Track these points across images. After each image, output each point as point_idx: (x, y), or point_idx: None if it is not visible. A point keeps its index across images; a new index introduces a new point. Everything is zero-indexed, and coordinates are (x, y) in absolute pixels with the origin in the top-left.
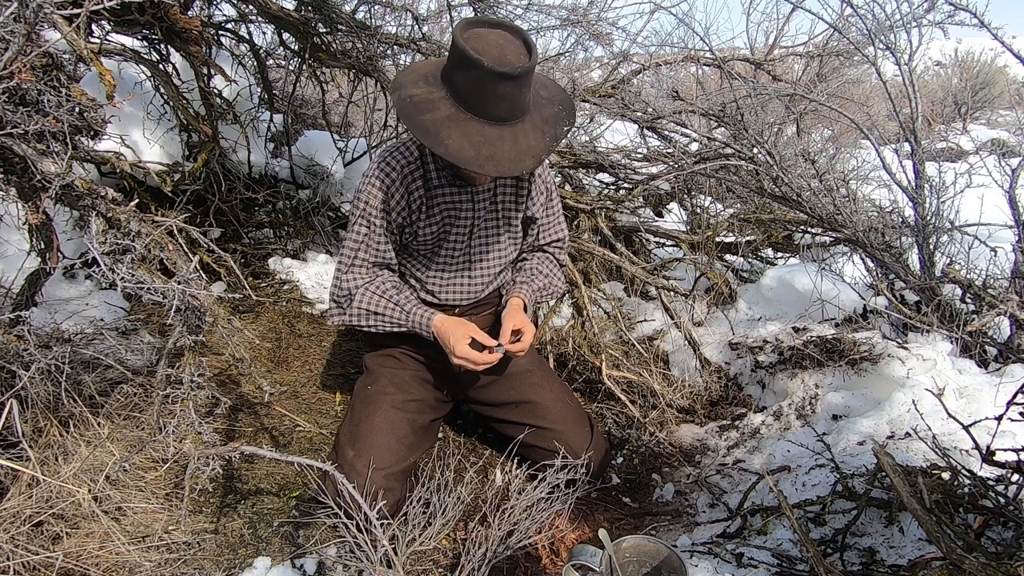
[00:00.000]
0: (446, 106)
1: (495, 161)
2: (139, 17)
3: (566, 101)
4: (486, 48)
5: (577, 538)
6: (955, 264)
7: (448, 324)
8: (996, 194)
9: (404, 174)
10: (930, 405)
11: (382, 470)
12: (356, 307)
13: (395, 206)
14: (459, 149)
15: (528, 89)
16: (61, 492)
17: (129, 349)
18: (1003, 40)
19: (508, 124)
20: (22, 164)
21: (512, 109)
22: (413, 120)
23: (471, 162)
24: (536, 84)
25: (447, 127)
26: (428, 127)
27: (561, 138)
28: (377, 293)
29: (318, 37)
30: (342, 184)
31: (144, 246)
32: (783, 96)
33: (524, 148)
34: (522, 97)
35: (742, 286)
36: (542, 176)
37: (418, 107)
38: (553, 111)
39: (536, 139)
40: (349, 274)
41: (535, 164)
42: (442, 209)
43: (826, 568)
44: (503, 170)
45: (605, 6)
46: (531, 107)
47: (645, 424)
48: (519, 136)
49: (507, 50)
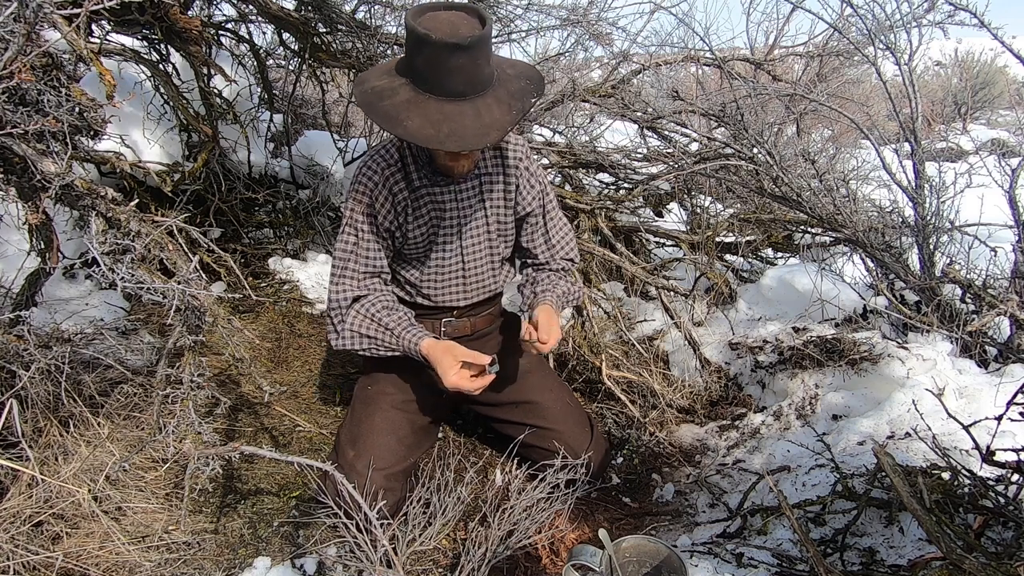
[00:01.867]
0: (406, 91)
1: (457, 137)
2: (139, 17)
3: (534, 76)
4: (437, 25)
5: (577, 538)
6: (955, 264)
7: (436, 351)
8: (996, 194)
9: (386, 176)
10: (930, 405)
11: (382, 470)
12: (348, 329)
13: (380, 209)
14: (419, 128)
15: (485, 61)
16: (61, 492)
17: (129, 349)
18: (1003, 40)
19: (468, 99)
20: (22, 164)
21: (469, 82)
22: (374, 108)
23: (431, 140)
24: (503, 64)
25: (406, 109)
26: (388, 112)
27: (528, 110)
28: (367, 316)
29: (318, 37)
30: (342, 184)
31: (144, 246)
32: (783, 96)
33: (488, 122)
34: (478, 69)
35: (742, 286)
36: (530, 170)
37: (379, 95)
38: (519, 85)
39: (501, 112)
40: (339, 286)
41: (500, 136)
42: (428, 209)
43: (826, 568)
44: (466, 144)
45: (605, 6)
46: (495, 82)
47: (645, 424)
48: (481, 110)
49: (458, 25)
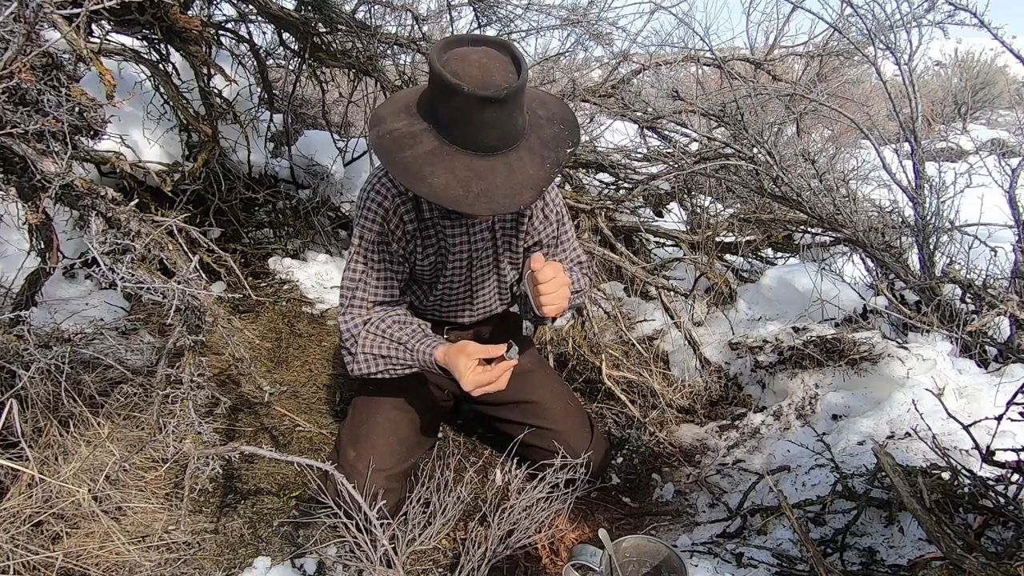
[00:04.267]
0: (429, 139)
1: (487, 198)
2: (139, 17)
3: (568, 118)
4: (467, 70)
5: (577, 538)
6: (955, 264)
7: (451, 355)
8: (996, 194)
9: (396, 204)
10: (930, 405)
11: (383, 471)
12: (362, 352)
13: (392, 236)
14: (445, 188)
15: (520, 112)
16: (61, 492)
17: (129, 349)
18: (1003, 40)
19: (500, 154)
20: (22, 164)
21: (503, 136)
22: (392, 158)
23: (459, 202)
24: (533, 102)
25: (430, 163)
26: (408, 165)
27: (564, 162)
28: (378, 333)
29: (318, 37)
30: (342, 184)
31: (144, 246)
32: (783, 96)
33: (521, 179)
34: (513, 122)
35: (742, 286)
36: (546, 199)
37: (398, 143)
38: (553, 132)
39: (535, 167)
40: (347, 315)
41: (534, 197)
42: (437, 240)
43: (826, 568)
44: (498, 207)
45: (605, 6)
46: (527, 130)
47: (645, 424)
48: (514, 166)
49: (491, 70)
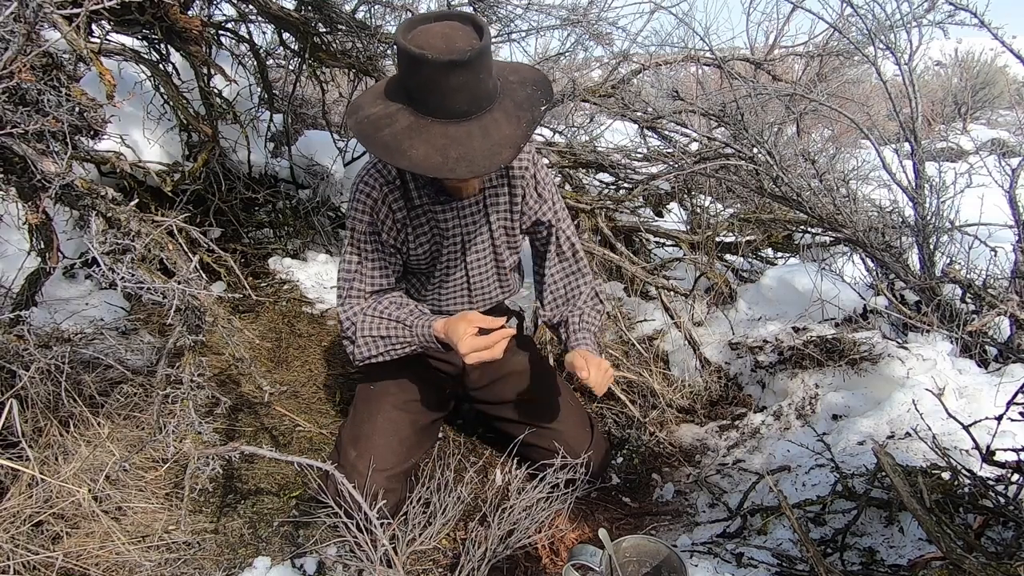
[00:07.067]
0: (404, 116)
1: (467, 161)
2: (139, 17)
3: (540, 80)
4: (430, 41)
5: (577, 538)
6: (955, 264)
7: (451, 323)
8: (996, 194)
9: (384, 193)
10: (930, 405)
11: (384, 471)
12: (362, 336)
13: (383, 227)
14: (425, 158)
15: (487, 75)
16: (61, 492)
17: (129, 349)
18: (1003, 40)
19: (474, 118)
20: (22, 164)
21: (473, 99)
22: (371, 139)
23: (440, 168)
24: (504, 70)
25: (408, 137)
26: (388, 143)
27: (539, 119)
28: (376, 314)
29: (318, 37)
30: (342, 184)
31: (144, 246)
32: (783, 96)
33: (497, 139)
34: (482, 84)
35: (742, 286)
36: (538, 177)
37: (375, 124)
38: (526, 93)
39: (510, 127)
40: (345, 305)
41: (513, 154)
42: (429, 228)
43: (826, 568)
44: (478, 168)
45: (605, 6)
46: (499, 94)
47: (645, 424)
48: (489, 128)
49: (454, 38)
